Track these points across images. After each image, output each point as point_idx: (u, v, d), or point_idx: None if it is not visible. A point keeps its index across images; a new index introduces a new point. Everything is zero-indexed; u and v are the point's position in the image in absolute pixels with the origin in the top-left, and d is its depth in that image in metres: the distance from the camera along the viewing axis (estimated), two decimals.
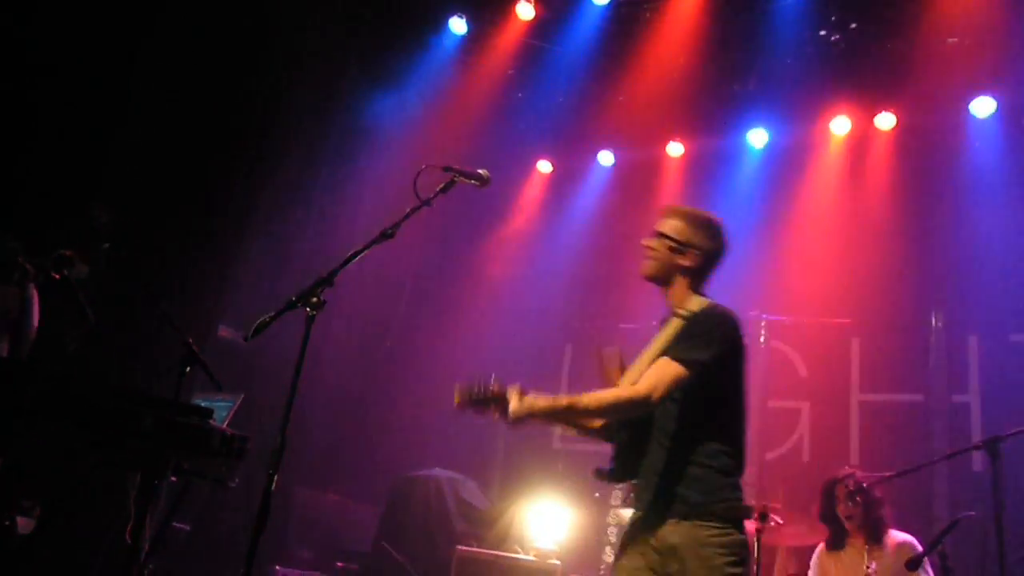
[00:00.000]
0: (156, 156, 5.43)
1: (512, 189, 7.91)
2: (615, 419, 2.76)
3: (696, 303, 2.78)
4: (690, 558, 2.52)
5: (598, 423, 2.86)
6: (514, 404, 2.51)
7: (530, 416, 2.52)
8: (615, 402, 2.61)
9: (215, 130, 5.70)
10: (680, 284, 2.85)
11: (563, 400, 2.57)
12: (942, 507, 5.67)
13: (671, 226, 2.84)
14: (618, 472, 2.78)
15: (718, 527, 2.54)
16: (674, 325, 2.76)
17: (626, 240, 7.29)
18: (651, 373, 2.59)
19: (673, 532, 2.57)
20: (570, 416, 2.75)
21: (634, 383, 2.62)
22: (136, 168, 5.30)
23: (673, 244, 2.81)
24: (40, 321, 4.00)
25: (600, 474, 2.81)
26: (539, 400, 2.53)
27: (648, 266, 2.86)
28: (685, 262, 2.82)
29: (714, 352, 2.62)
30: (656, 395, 2.54)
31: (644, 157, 7.70)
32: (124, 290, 4.39)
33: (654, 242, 2.84)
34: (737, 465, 2.65)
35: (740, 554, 2.55)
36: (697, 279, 2.86)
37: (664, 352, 2.64)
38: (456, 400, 2.55)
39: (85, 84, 5.13)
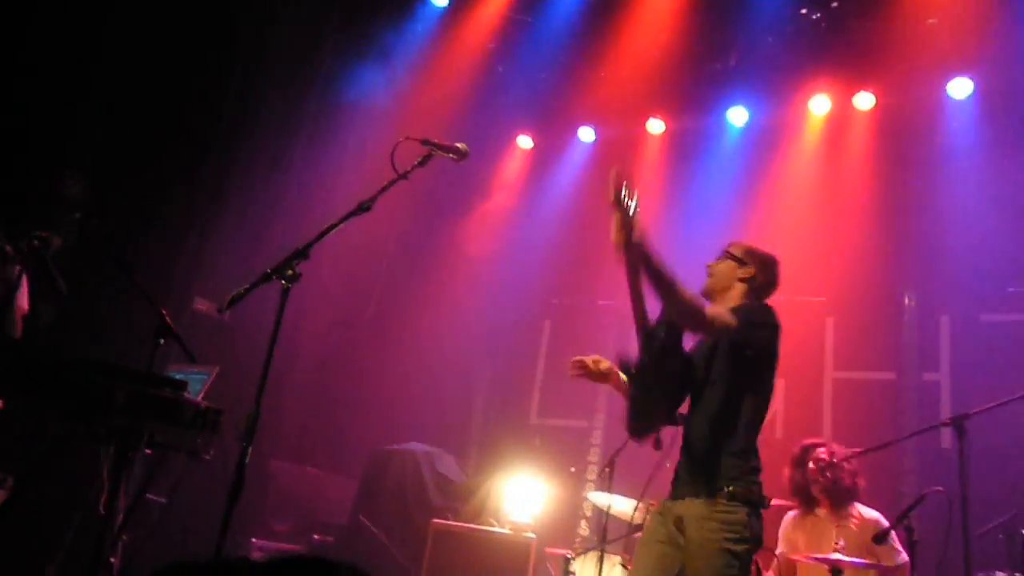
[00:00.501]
0: (130, 126, 5.34)
1: (492, 164, 7.88)
2: (677, 316, 2.83)
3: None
4: (692, 529, 2.69)
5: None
6: (640, 231, 2.59)
7: (642, 249, 2.61)
8: (689, 303, 2.72)
9: (190, 99, 5.62)
10: (738, 290, 3.08)
11: (667, 267, 2.67)
12: (910, 482, 5.77)
13: (733, 247, 3.14)
14: (638, 415, 2.95)
15: (725, 504, 2.69)
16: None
17: (606, 217, 7.30)
18: (718, 309, 2.82)
19: (686, 507, 2.76)
20: (659, 282, 2.73)
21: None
22: (109, 137, 5.21)
23: (734, 258, 3.09)
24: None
25: (625, 366, 2.97)
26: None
27: (708, 283, 3.11)
28: (745, 274, 3.07)
29: (767, 334, 2.85)
30: (716, 322, 2.73)
31: (625, 134, 7.69)
32: (97, 261, 4.33)
33: (715, 263, 3.12)
34: (756, 452, 2.87)
35: (742, 533, 2.66)
36: (755, 290, 3.08)
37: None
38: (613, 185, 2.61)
39: (54, 50, 5.02)
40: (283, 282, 2.42)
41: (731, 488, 2.72)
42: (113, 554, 3.37)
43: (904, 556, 4.02)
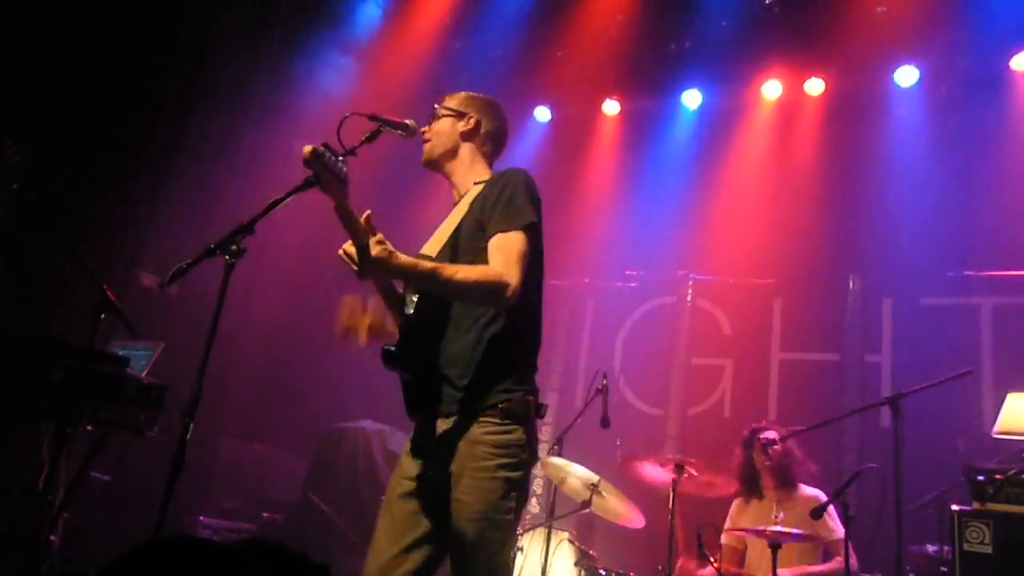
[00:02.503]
0: (74, 93, 5.18)
1: None
2: (473, 301, 2.43)
3: (489, 172, 2.65)
4: (463, 458, 2.31)
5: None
6: (377, 249, 2.18)
7: (387, 267, 2.20)
8: (479, 280, 2.30)
9: (137, 67, 5.46)
10: (466, 154, 2.69)
11: (427, 264, 2.32)
12: (851, 460, 5.94)
13: (448, 102, 2.74)
14: (401, 359, 2.44)
15: (497, 423, 2.35)
16: (472, 195, 2.56)
17: (560, 197, 7.33)
18: (497, 255, 2.34)
19: (448, 432, 2.37)
20: (430, 283, 2.35)
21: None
22: (50, 104, 5.05)
23: (451, 112, 2.69)
24: None
25: (387, 357, 2.44)
26: (402, 256, 2.23)
27: (428, 148, 2.70)
28: (467, 127, 2.69)
29: (537, 211, 2.44)
30: (516, 279, 2.30)
31: (580, 114, 7.71)
32: (37, 234, 4.21)
33: (432, 125, 2.71)
34: (533, 353, 2.52)
35: (519, 456, 2.37)
36: (484, 149, 2.71)
37: (484, 229, 2.42)
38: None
39: None
40: (227, 257, 2.38)
41: (502, 401, 2.40)
42: (53, 532, 3.32)
43: (841, 531, 4.15)
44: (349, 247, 2.31)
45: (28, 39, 5.07)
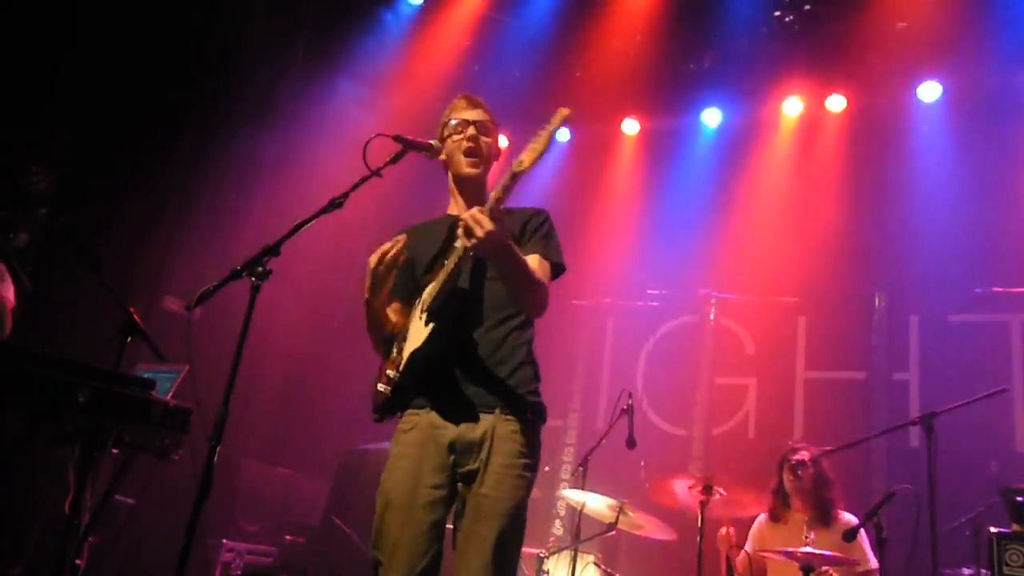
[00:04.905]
0: (99, 120, 5.26)
1: None
2: (532, 300, 2.46)
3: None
4: (492, 455, 2.34)
5: (391, 326, 2.57)
6: (492, 224, 2.18)
7: (504, 248, 2.23)
8: (543, 283, 2.44)
9: (161, 92, 5.54)
10: (493, 167, 2.73)
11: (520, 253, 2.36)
12: (880, 480, 5.84)
13: (485, 111, 2.73)
14: (410, 389, 2.47)
15: (524, 424, 2.41)
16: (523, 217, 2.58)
17: (581, 216, 7.32)
18: (538, 271, 2.45)
19: (478, 431, 2.38)
20: (520, 271, 2.37)
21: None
22: (78, 132, 5.13)
23: (492, 125, 2.71)
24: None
25: (385, 404, 2.52)
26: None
27: (482, 161, 2.67)
28: (496, 141, 2.75)
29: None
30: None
31: (600, 133, 7.71)
32: (63, 258, 4.25)
33: (483, 138, 2.67)
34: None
35: (537, 457, 2.45)
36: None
37: (531, 244, 2.51)
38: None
39: (23, 44, 4.92)
40: (253, 279, 2.38)
41: (529, 400, 2.51)
42: (79, 556, 3.31)
43: (875, 561, 4.04)
44: (476, 212, 2.23)
45: (53, 68, 5.15)
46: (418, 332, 2.45)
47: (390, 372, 2.52)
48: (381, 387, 2.54)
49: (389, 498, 2.45)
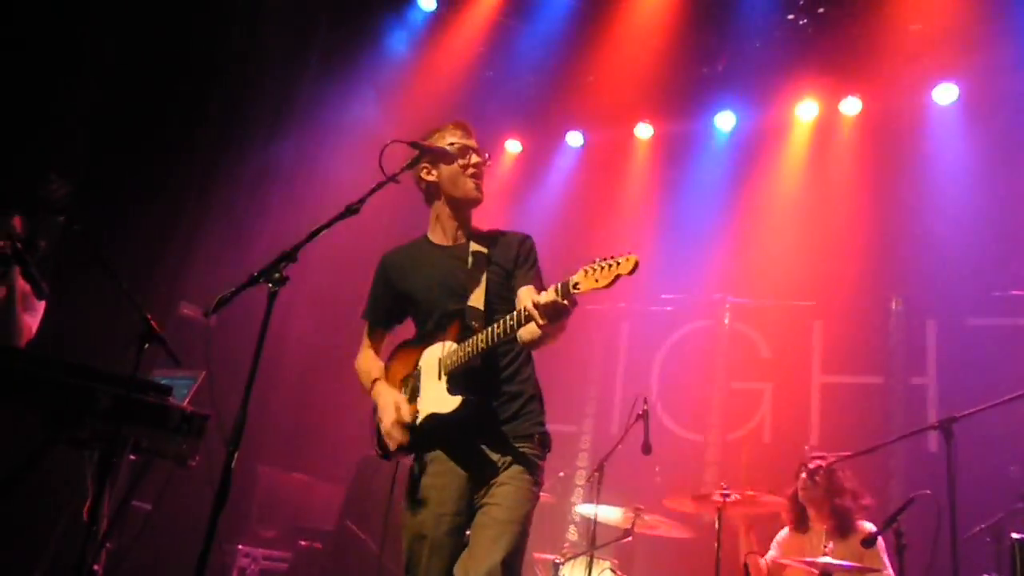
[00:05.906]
0: (116, 129, 5.30)
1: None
2: (555, 337, 2.60)
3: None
4: (506, 474, 2.54)
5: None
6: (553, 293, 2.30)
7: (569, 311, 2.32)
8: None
9: (176, 100, 5.58)
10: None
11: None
12: (898, 486, 5.79)
13: (475, 138, 2.79)
14: (425, 444, 2.68)
15: (537, 449, 2.63)
16: (481, 244, 2.73)
17: (594, 221, 7.31)
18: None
19: (493, 456, 2.57)
20: (559, 332, 2.54)
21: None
22: (95, 140, 5.17)
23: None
24: None
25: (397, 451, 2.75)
26: None
27: (482, 185, 2.77)
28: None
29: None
30: None
31: (613, 138, 7.70)
32: (81, 265, 4.28)
33: (484, 165, 2.76)
34: None
35: (542, 480, 2.63)
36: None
37: (510, 277, 2.69)
38: None
39: (39, 53, 4.97)
40: (270, 285, 2.39)
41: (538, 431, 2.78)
42: (97, 561, 3.33)
43: (891, 572, 4.00)
44: (542, 300, 2.33)
45: (70, 76, 5.20)
46: (439, 394, 2.58)
47: (405, 415, 2.62)
48: (397, 434, 2.69)
49: (421, 531, 2.64)
